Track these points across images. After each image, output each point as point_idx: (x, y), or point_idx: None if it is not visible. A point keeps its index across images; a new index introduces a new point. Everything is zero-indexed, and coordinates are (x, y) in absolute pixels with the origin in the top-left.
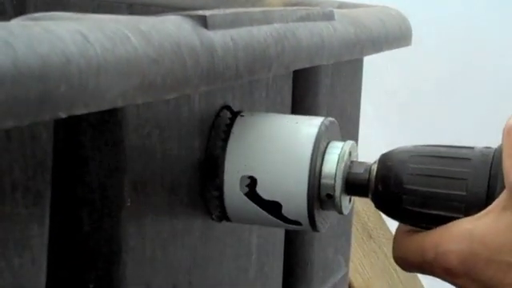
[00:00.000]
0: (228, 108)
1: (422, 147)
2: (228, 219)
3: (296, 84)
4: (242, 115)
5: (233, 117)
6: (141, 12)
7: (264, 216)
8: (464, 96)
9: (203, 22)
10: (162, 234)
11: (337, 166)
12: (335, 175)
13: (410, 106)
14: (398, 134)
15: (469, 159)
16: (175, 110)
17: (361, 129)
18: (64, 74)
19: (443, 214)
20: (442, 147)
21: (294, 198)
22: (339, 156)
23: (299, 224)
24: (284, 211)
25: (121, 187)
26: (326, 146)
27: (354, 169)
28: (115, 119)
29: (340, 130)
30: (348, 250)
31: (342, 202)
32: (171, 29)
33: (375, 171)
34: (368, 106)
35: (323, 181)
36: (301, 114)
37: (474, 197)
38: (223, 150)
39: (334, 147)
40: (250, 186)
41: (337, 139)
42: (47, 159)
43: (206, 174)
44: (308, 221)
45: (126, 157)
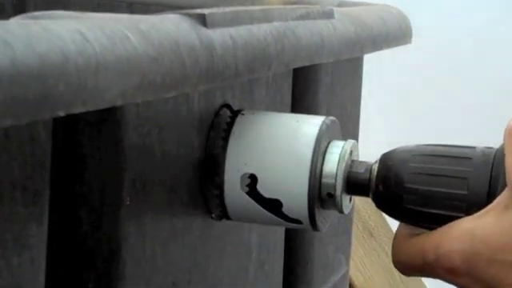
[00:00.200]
0: (228, 107)
1: (423, 146)
2: (228, 218)
3: (296, 82)
4: (242, 114)
5: (233, 115)
6: (141, 11)
7: (264, 214)
8: (465, 94)
9: (202, 20)
10: (162, 232)
11: (338, 165)
12: (336, 174)
13: (411, 105)
14: (400, 133)
15: (470, 158)
16: (175, 109)
17: (362, 127)
18: (62, 72)
19: (444, 214)
20: (443, 146)
21: (295, 196)
22: (340, 155)
23: (300, 223)
24: (284, 209)
25: (120, 186)
26: (327, 145)
27: (355, 168)
28: (114, 118)
29: (341, 129)
30: (348, 249)
31: (342, 202)
32: (170, 28)
33: (376, 171)
34: (369, 104)
35: (324, 180)
36: (301, 113)
37: (475, 196)
38: (224, 148)
39: (335, 146)
40: (251, 184)
41: (338, 138)
42: (46, 158)
43: (206, 172)
44: (308, 220)
45: (126, 156)
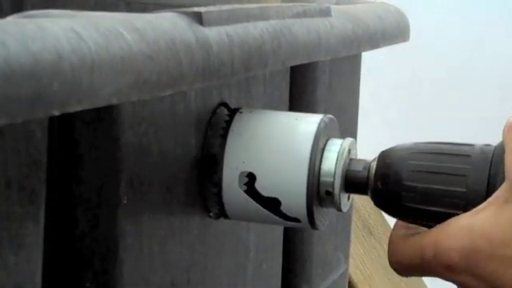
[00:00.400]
0: (225, 105)
1: (422, 144)
2: (226, 216)
3: (294, 80)
4: (240, 112)
5: (231, 114)
6: (139, 9)
7: (263, 213)
8: (463, 93)
9: (199, 18)
10: (160, 231)
11: (336, 163)
12: (334, 173)
13: (409, 103)
14: (398, 131)
15: (469, 156)
16: (171, 108)
17: (360, 125)
18: (57, 71)
19: (443, 211)
20: (441, 144)
21: (293, 194)
22: (338, 153)
23: (298, 221)
24: (283, 208)
25: (117, 185)
26: (325, 143)
27: (353, 166)
28: (110, 117)
29: (339, 127)
30: (348, 247)
31: (341, 200)
32: (166, 26)
33: (374, 168)
34: (368, 101)
35: (322, 178)
36: (298, 111)
37: (474, 193)
38: (222, 146)
39: (333, 144)
40: (249, 182)
41: (336, 136)
42: (42, 157)
43: (204, 171)
44: (307, 218)
45: (122, 155)
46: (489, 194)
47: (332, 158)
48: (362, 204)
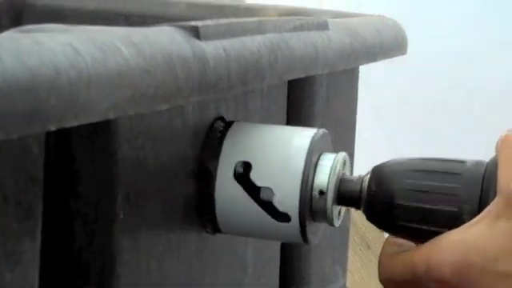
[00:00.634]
0: (222, 119)
1: (414, 161)
2: (219, 231)
3: (291, 94)
4: (234, 125)
5: (226, 126)
6: (138, 23)
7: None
8: (460, 105)
9: (195, 32)
10: (157, 246)
11: (329, 178)
12: (327, 187)
13: (407, 113)
14: (397, 144)
15: (460, 173)
16: (168, 122)
17: (360, 136)
18: (54, 86)
19: (435, 229)
20: (434, 161)
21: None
22: (331, 168)
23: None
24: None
25: (113, 200)
26: (318, 157)
27: (346, 181)
28: (108, 131)
29: (335, 141)
30: (345, 261)
31: (333, 214)
32: (163, 40)
33: (367, 184)
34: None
35: (315, 193)
36: (296, 125)
37: (466, 212)
38: (216, 159)
39: (327, 159)
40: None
41: (329, 151)
42: (39, 172)
43: (200, 184)
44: (301, 237)
45: (119, 169)
46: (481, 209)
47: (325, 173)
48: (359, 218)
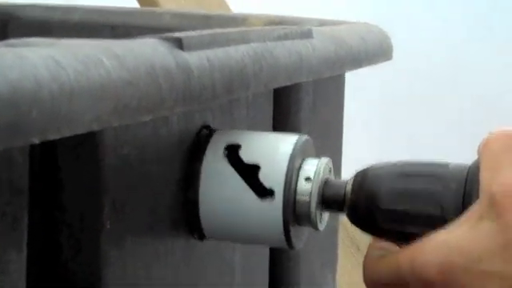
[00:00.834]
0: (208, 128)
1: (397, 165)
2: (204, 236)
3: (277, 102)
4: (217, 133)
5: (209, 134)
6: (123, 34)
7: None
8: (445, 109)
9: (179, 43)
10: (144, 255)
11: (312, 182)
12: (310, 192)
13: (393, 120)
14: (383, 151)
15: (443, 176)
16: (154, 131)
17: (348, 141)
18: (35, 99)
19: (418, 232)
20: (416, 165)
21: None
22: (315, 173)
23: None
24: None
25: (99, 210)
26: (301, 162)
27: (330, 185)
28: (92, 141)
29: (322, 147)
30: (335, 264)
31: (317, 218)
32: (146, 51)
33: (350, 188)
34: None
35: (298, 197)
36: (282, 132)
37: (449, 213)
38: (200, 164)
39: (310, 164)
40: None
41: (312, 156)
42: (23, 183)
43: (185, 190)
44: (285, 243)
45: (104, 179)
46: (464, 212)
47: (308, 178)
48: (348, 220)
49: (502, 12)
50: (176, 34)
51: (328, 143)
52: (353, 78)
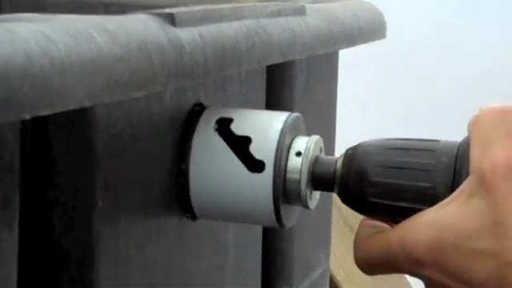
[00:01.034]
0: (200, 105)
1: (388, 140)
2: (195, 216)
3: (270, 79)
4: (209, 109)
5: (202, 111)
6: (117, 12)
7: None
8: (438, 90)
9: (171, 19)
10: (137, 233)
11: (302, 160)
12: (300, 170)
13: (388, 98)
14: (377, 129)
15: (433, 151)
16: (146, 108)
17: (341, 120)
18: (27, 74)
19: (409, 206)
20: (407, 140)
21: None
22: (305, 149)
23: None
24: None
25: (92, 188)
26: (292, 140)
27: (320, 163)
28: (84, 119)
29: (316, 125)
30: (328, 246)
31: (307, 197)
32: (138, 27)
33: (340, 165)
34: (347, 99)
35: (288, 175)
36: (276, 109)
37: (440, 188)
38: (191, 137)
39: (300, 142)
40: None
41: (302, 134)
42: (14, 161)
43: (177, 164)
44: (275, 221)
45: (97, 157)
46: (454, 188)
47: (298, 155)
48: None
49: None
50: (168, 10)
51: (321, 121)
52: (346, 55)
